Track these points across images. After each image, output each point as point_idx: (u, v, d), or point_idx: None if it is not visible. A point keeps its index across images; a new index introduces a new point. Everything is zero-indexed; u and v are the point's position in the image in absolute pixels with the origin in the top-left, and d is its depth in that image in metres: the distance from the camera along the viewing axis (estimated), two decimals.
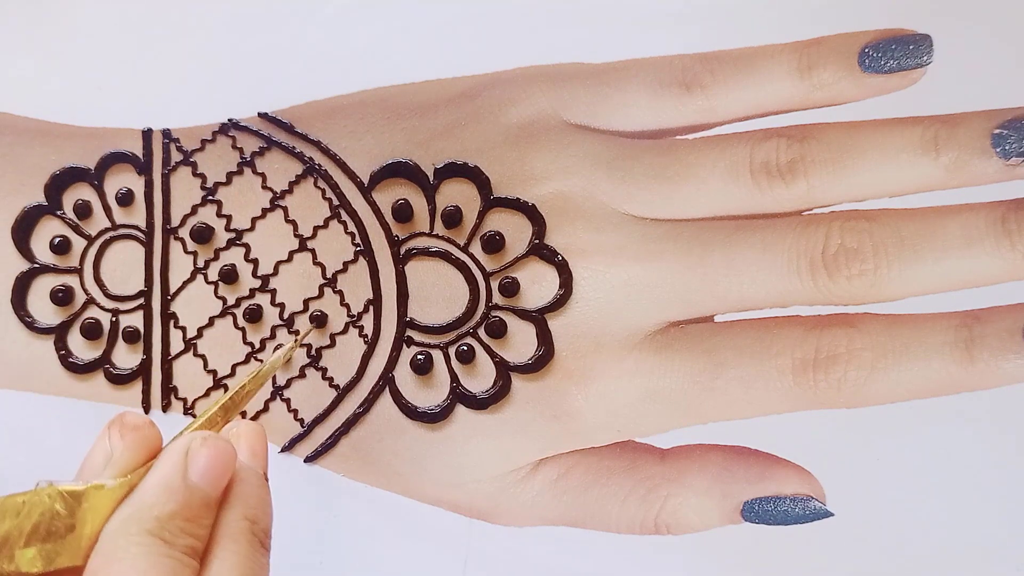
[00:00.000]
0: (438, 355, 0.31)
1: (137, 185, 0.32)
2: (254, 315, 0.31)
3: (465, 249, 0.31)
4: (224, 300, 0.32)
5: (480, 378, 0.31)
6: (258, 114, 0.33)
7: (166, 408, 0.32)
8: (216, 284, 0.32)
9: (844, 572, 0.42)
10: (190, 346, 0.32)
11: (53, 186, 0.32)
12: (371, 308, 0.31)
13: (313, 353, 0.31)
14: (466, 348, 0.31)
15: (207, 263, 0.32)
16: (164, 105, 0.42)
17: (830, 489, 0.31)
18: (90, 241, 0.32)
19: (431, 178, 0.31)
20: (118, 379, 0.32)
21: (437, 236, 0.31)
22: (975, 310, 0.29)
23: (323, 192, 0.32)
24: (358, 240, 0.31)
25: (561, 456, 0.31)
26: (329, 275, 0.31)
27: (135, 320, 0.32)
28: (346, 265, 0.31)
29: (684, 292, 0.30)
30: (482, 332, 0.31)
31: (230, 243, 0.32)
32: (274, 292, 0.31)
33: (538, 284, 0.30)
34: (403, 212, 0.31)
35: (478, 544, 0.41)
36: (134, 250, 0.32)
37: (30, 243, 0.32)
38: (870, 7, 0.39)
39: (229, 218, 0.32)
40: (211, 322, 0.32)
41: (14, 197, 0.32)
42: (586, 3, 0.44)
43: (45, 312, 0.32)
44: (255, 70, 0.43)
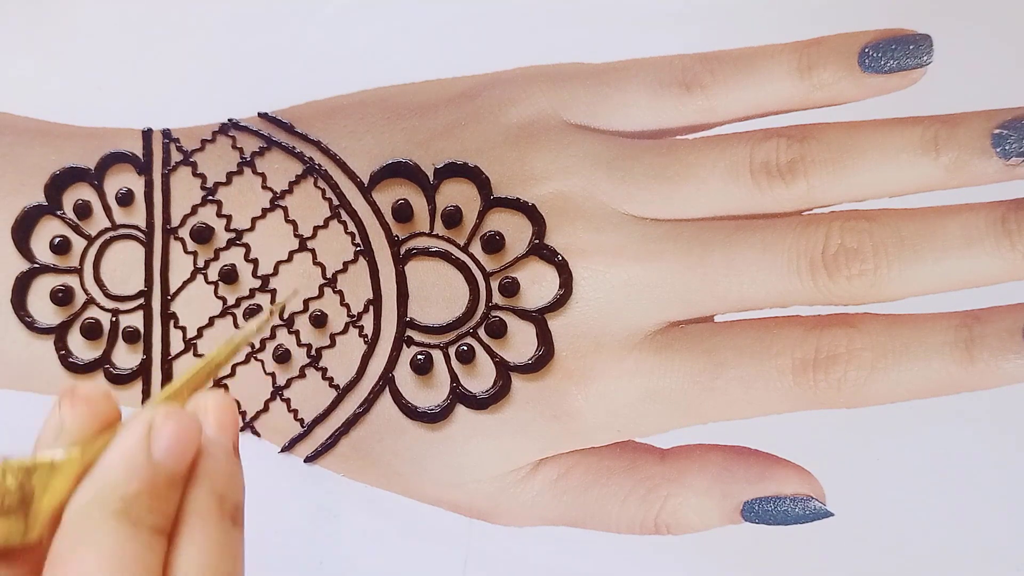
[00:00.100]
0: (438, 355, 0.31)
1: (137, 185, 0.32)
2: (254, 315, 0.31)
3: (465, 249, 0.31)
4: (224, 300, 0.32)
5: (480, 378, 0.31)
6: (258, 114, 0.33)
7: None
8: (216, 284, 0.32)
9: (844, 572, 0.42)
10: (190, 346, 0.32)
11: (53, 186, 0.32)
12: (371, 308, 0.31)
13: (313, 353, 0.31)
14: (466, 348, 0.31)
15: (207, 263, 0.32)
16: (164, 105, 0.42)
17: (830, 489, 0.31)
18: (90, 241, 0.32)
19: (431, 178, 0.31)
20: (118, 379, 0.32)
21: (437, 236, 0.31)
22: (975, 310, 0.29)
23: (323, 192, 0.32)
24: (358, 240, 0.31)
25: (561, 456, 0.31)
26: (329, 275, 0.31)
27: (135, 320, 0.32)
28: (346, 265, 0.31)
29: (684, 292, 0.30)
30: (482, 332, 0.31)
31: (230, 243, 0.32)
32: (274, 292, 0.31)
33: (538, 284, 0.30)
34: (403, 212, 0.31)
35: (478, 544, 0.41)
36: (134, 250, 0.32)
37: (30, 243, 0.32)
38: (870, 7, 0.39)
39: (229, 218, 0.32)
40: (211, 322, 0.32)
41: (14, 197, 0.32)
42: (586, 3, 0.44)
43: (45, 312, 0.32)
44: (255, 70, 0.43)
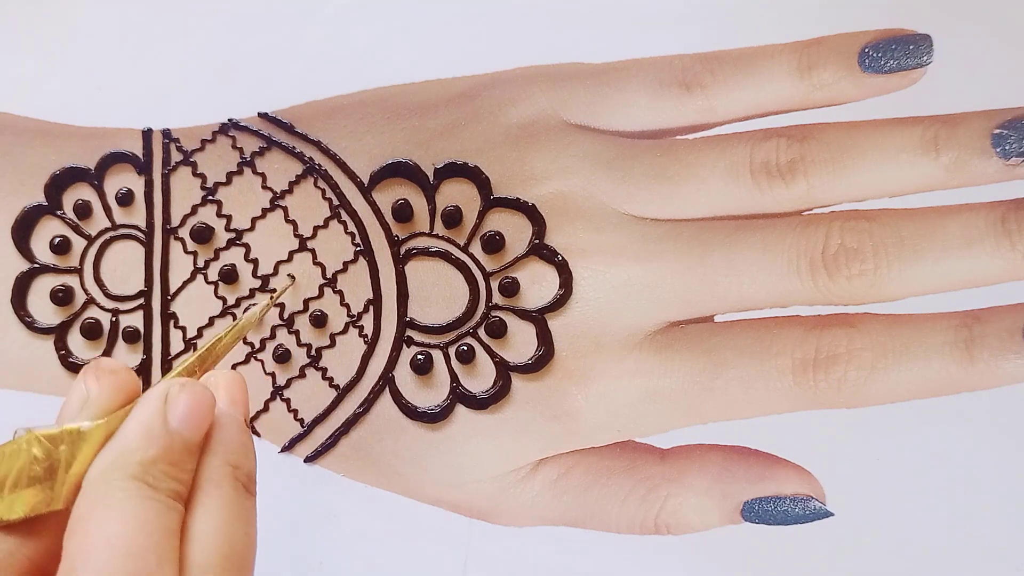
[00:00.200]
0: (438, 355, 0.31)
1: (137, 185, 0.32)
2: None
3: (465, 249, 0.31)
4: (224, 300, 0.32)
5: (480, 378, 0.31)
6: (258, 114, 0.33)
7: None
8: (216, 284, 0.32)
9: (844, 572, 0.42)
10: (190, 346, 0.32)
11: (53, 186, 0.32)
12: (371, 308, 0.31)
13: (313, 353, 0.31)
14: (466, 348, 0.31)
15: (207, 263, 0.32)
16: (164, 105, 0.42)
17: (830, 489, 0.31)
18: (90, 241, 0.32)
19: (431, 178, 0.31)
20: None
21: (437, 236, 0.31)
22: (975, 310, 0.29)
23: (323, 192, 0.32)
24: (358, 240, 0.31)
25: (561, 456, 0.31)
26: (329, 275, 0.31)
27: (135, 320, 0.32)
28: (346, 265, 0.31)
29: (684, 292, 0.30)
30: (482, 332, 0.31)
31: (230, 243, 0.32)
32: (274, 292, 0.31)
33: (538, 284, 0.30)
34: (403, 212, 0.31)
35: (478, 544, 0.41)
36: (134, 250, 0.32)
37: (30, 243, 0.32)
38: (870, 7, 0.39)
39: (229, 218, 0.32)
40: (211, 322, 0.32)
41: (14, 197, 0.32)
42: (586, 3, 0.44)
43: (45, 312, 0.32)
44: (255, 70, 0.43)
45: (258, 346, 0.32)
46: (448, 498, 0.32)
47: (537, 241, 0.30)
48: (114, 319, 0.32)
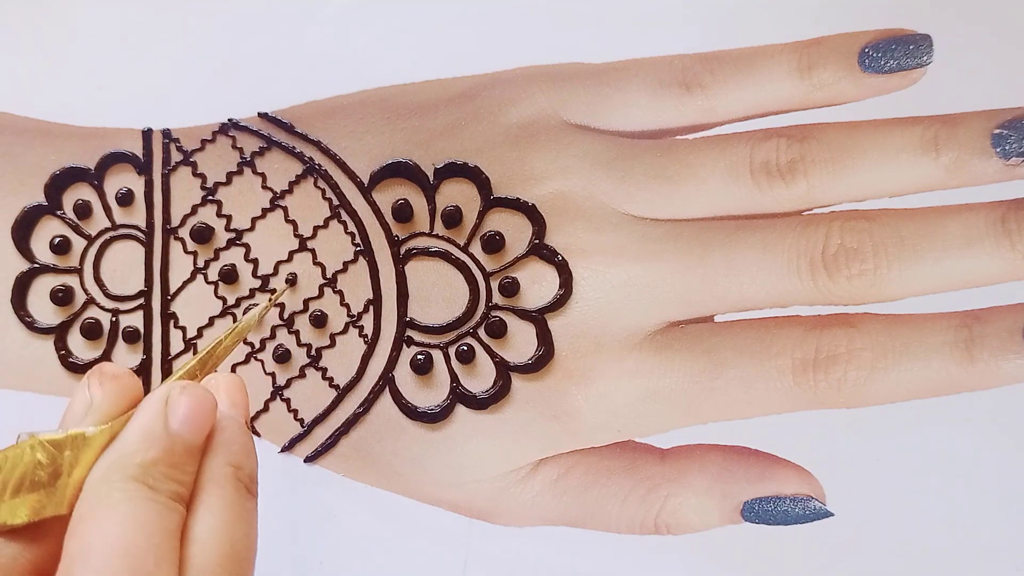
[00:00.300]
0: (438, 355, 0.31)
1: (137, 185, 0.32)
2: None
3: (465, 249, 0.31)
4: (224, 300, 0.32)
5: (480, 378, 0.31)
6: (258, 114, 0.33)
7: None
8: (216, 284, 0.32)
9: (844, 572, 0.42)
10: (190, 346, 0.32)
11: (53, 186, 0.32)
12: (371, 308, 0.31)
13: (313, 353, 0.31)
14: (466, 348, 0.31)
15: (207, 263, 0.32)
16: (164, 105, 0.42)
17: (830, 489, 0.31)
18: (90, 241, 0.32)
19: (431, 178, 0.31)
20: None
21: (437, 236, 0.31)
22: (975, 310, 0.29)
23: (323, 192, 0.32)
24: (358, 240, 0.31)
25: (561, 456, 0.31)
26: (329, 275, 0.31)
27: (135, 320, 0.32)
28: (346, 265, 0.31)
29: (684, 292, 0.30)
30: (482, 332, 0.31)
31: (230, 243, 0.32)
32: (274, 292, 0.31)
33: (538, 284, 0.30)
34: (403, 212, 0.31)
35: (478, 544, 0.41)
36: (134, 250, 0.32)
37: (30, 243, 0.32)
38: (870, 7, 0.39)
39: (229, 218, 0.32)
40: (211, 322, 0.32)
41: (14, 197, 0.32)
42: (586, 3, 0.44)
43: (45, 312, 0.32)
44: (255, 70, 0.43)
45: (258, 346, 0.32)
46: (448, 498, 0.32)
47: (537, 241, 0.30)
48: (114, 319, 0.32)
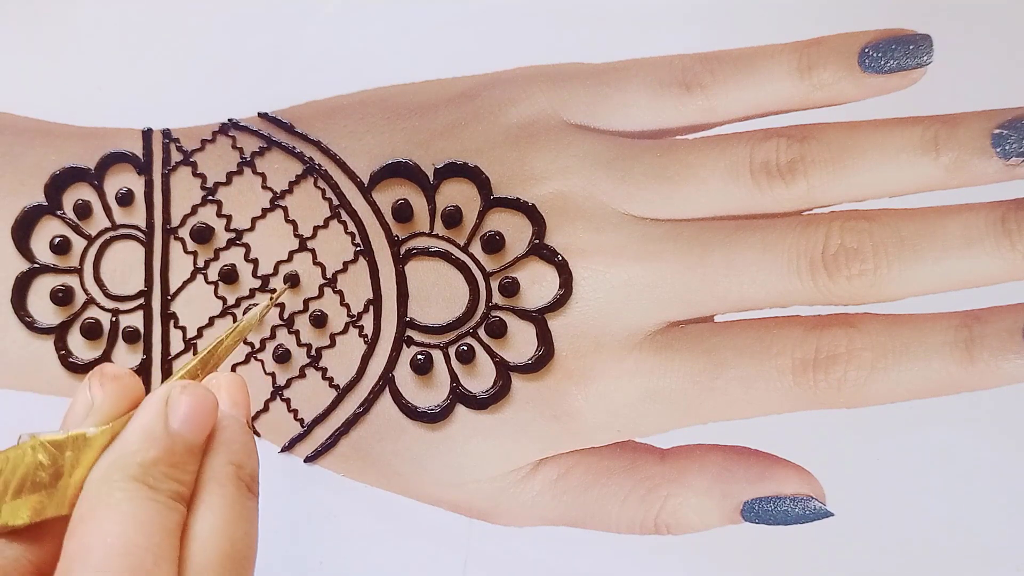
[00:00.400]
0: (438, 355, 0.31)
1: (137, 185, 0.32)
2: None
3: (465, 249, 0.31)
4: (224, 300, 0.32)
5: (480, 378, 0.31)
6: (258, 114, 0.33)
7: None
8: (216, 284, 0.32)
9: (844, 572, 0.42)
10: (190, 346, 0.32)
11: (53, 186, 0.32)
12: (371, 308, 0.31)
13: (313, 353, 0.31)
14: (466, 348, 0.31)
15: (207, 263, 0.32)
16: (164, 105, 0.42)
17: (830, 489, 0.31)
18: (90, 241, 0.32)
19: (431, 178, 0.31)
20: None
21: (437, 236, 0.31)
22: (975, 310, 0.29)
23: (323, 192, 0.32)
24: (358, 240, 0.31)
25: (561, 456, 0.31)
26: (329, 275, 0.31)
27: (135, 320, 0.32)
28: (346, 265, 0.31)
29: (684, 292, 0.30)
30: (482, 332, 0.31)
31: (230, 243, 0.32)
32: (274, 292, 0.31)
33: (538, 284, 0.30)
34: (403, 212, 0.31)
35: (478, 544, 0.41)
36: (134, 250, 0.32)
37: (30, 243, 0.32)
38: (870, 7, 0.39)
39: (229, 218, 0.32)
40: (211, 322, 0.32)
41: (14, 197, 0.32)
42: (586, 3, 0.44)
43: (45, 312, 0.32)
44: (255, 70, 0.43)
45: (258, 346, 0.32)
46: (448, 498, 0.32)
47: (537, 241, 0.30)
48: (114, 319, 0.32)
